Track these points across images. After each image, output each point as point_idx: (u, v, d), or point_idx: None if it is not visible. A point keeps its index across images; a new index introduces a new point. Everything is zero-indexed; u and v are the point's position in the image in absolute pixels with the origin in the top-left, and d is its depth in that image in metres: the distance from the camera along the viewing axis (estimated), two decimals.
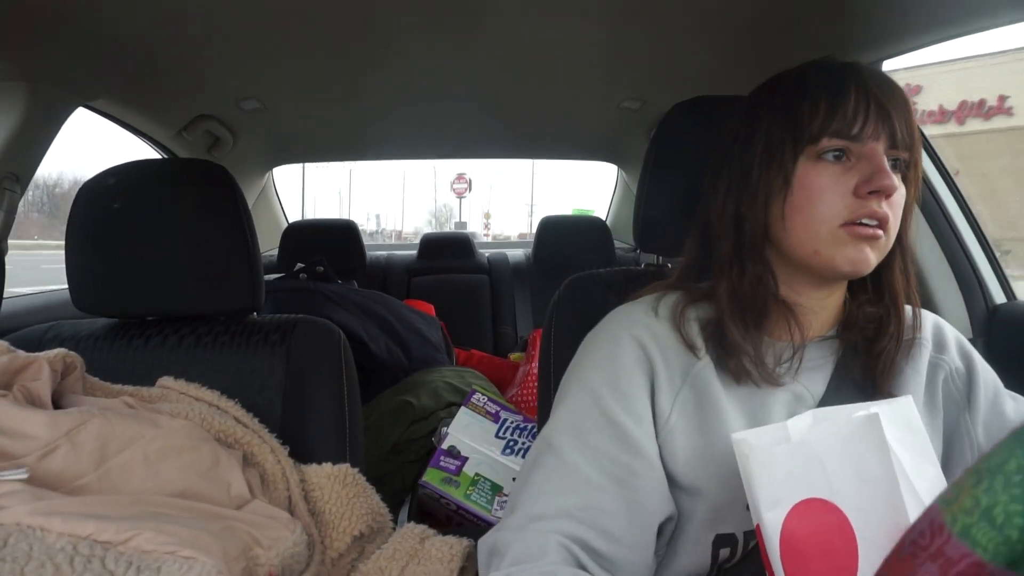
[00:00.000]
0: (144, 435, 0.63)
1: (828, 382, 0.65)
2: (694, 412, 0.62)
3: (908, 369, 0.66)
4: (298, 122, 1.90)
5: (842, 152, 0.60)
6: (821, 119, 0.60)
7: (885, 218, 0.59)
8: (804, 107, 0.61)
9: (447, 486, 1.17)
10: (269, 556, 0.61)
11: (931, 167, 1.19)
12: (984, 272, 1.15)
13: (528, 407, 1.50)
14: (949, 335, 0.71)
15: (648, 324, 0.66)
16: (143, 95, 1.46)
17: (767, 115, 0.64)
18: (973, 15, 0.90)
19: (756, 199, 0.63)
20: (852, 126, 0.59)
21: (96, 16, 1.04)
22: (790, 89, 0.63)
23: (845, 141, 0.60)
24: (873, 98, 0.60)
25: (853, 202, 0.59)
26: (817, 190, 0.60)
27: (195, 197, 0.88)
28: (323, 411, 0.87)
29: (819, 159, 0.61)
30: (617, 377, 0.63)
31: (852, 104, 0.59)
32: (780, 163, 0.61)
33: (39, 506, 0.51)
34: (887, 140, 0.60)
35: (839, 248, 0.59)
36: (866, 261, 0.60)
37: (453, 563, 0.73)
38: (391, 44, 1.27)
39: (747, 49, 1.19)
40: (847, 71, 0.62)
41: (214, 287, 0.88)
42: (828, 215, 0.59)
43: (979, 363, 0.70)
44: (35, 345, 0.88)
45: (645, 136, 1.94)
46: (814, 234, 0.60)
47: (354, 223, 2.41)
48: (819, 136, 0.60)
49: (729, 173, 0.66)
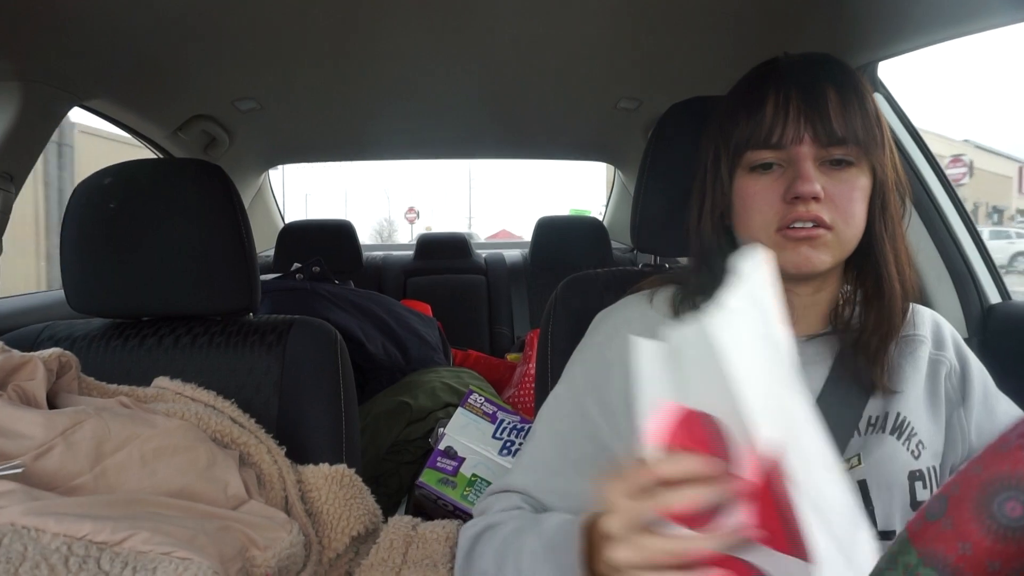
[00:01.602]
0: (140, 435, 0.63)
1: (826, 379, 0.65)
2: None
3: (908, 366, 0.66)
4: (294, 122, 1.90)
5: (768, 164, 0.62)
6: (741, 132, 0.62)
7: (817, 218, 0.59)
8: (728, 123, 0.64)
9: (444, 487, 1.17)
10: (265, 557, 0.61)
11: (926, 166, 1.19)
12: (979, 271, 1.16)
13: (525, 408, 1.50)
14: (947, 332, 0.71)
15: (643, 314, 0.68)
16: (139, 95, 1.46)
17: (710, 133, 0.67)
18: (969, 16, 0.91)
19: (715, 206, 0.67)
20: (771, 135, 0.60)
21: (91, 16, 1.03)
22: (723, 105, 0.66)
23: (768, 151, 0.61)
24: (794, 101, 0.60)
25: (782, 208, 0.60)
26: (750, 201, 0.62)
27: (191, 197, 0.88)
28: (320, 411, 0.87)
29: (751, 171, 0.63)
30: (599, 373, 0.66)
31: (770, 112, 0.60)
32: (720, 179, 0.65)
33: (34, 506, 0.50)
34: (818, 140, 0.59)
35: (780, 253, 0.60)
36: (807, 262, 0.60)
37: (450, 540, 0.75)
38: (386, 44, 1.27)
39: (744, 49, 1.20)
40: (768, 77, 0.63)
41: (210, 287, 0.88)
42: (762, 223, 0.62)
43: (973, 361, 0.70)
44: (30, 345, 0.88)
45: (642, 136, 1.95)
46: (756, 240, 0.62)
47: (350, 223, 2.40)
48: (744, 150, 0.62)
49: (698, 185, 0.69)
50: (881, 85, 1.18)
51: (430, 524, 0.78)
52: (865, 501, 0.60)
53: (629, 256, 2.57)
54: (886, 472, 0.61)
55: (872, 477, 0.61)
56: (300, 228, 2.37)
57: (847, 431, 0.63)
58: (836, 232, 0.60)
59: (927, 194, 1.18)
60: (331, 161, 2.51)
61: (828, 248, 0.60)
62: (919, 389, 0.66)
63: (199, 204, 0.88)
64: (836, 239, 0.60)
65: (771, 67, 0.65)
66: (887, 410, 0.64)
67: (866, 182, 0.61)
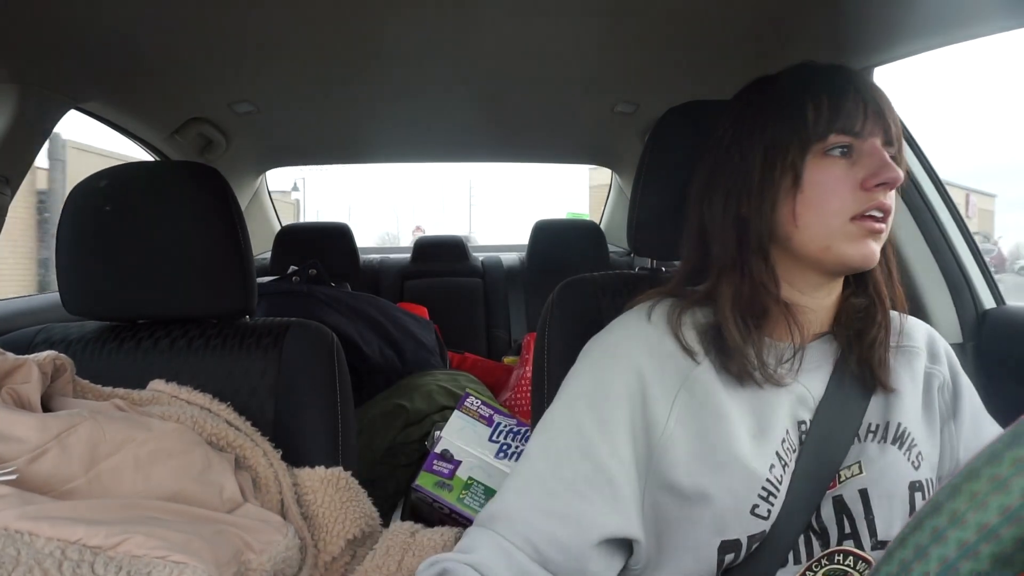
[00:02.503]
0: (135, 438, 0.63)
1: (828, 382, 0.65)
2: (694, 416, 0.62)
3: (905, 375, 0.67)
4: (291, 125, 1.90)
5: (847, 148, 0.62)
6: (827, 117, 0.61)
7: (889, 210, 0.61)
8: (808, 107, 0.62)
9: (440, 490, 1.16)
10: (261, 560, 0.61)
11: (921, 172, 1.20)
12: (973, 277, 1.16)
13: (522, 411, 1.50)
14: (941, 346, 0.72)
15: (641, 332, 0.67)
16: (135, 98, 1.46)
17: (765, 117, 0.65)
18: (964, 23, 0.91)
19: (763, 201, 0.64)
20: (855, 123, 0.61)
21: (88, 19, 1.03)
22: (789, 90, 0.65)
23: (850, 138, 0.62)
24: (868, 97, 0.62)
25: (862, 195, 0.61)
26: (828, 185, 0.61)
27: (188, 200, 0.88)
28: (316, 414, 0.87)
29: (825, 156, 0.62)
30: (598, 396, 0.64)
31: (851, 102, 0.61)
32: (788, 163, 0.62)
33: (28, 510, 0.50)
34: (885, 136, 0.62)
35: (850, 242, 0.61)
36: (873, 254, 0.62)
37: (447, 548, 0.74)
38: (384, 48, 1.27)
39: (741, 54, 1.20)
40: (841, 72, 0.64)
41: (206, 290, 0.88)
42: (839, 209, 0.61)
43: (964, 378, 0.71)
44: (24, 348, 0.87)
45: (639, 140, 1.95)
46: (827, 228, 0.61)
47: (347, 226, 2.40)
48: (826, 133, 0.61)
49: (726, 178, 0.67)
50: None
51: (429, 531, 0.78)
52: (865, 510, 0.60)
53: (626, 259, 2.58)
54: (888, 482, 0.61)
55: (873, 486, 0.61)
56: (297, 231, 2.37)
57: (848, 436, 0.63)
58: (887, 228, 0.63)
59: (922, 199, 1.18)
60: (327, 164, 2.51)
61: (880, 243, 0.63)
62: (917, 401, 0.67)
63: (195, 207, 0.87)
64: (886, 235, 0.63)
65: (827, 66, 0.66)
66: (888, 419, 0.65)
67: None
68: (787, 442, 0.62)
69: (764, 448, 0.61)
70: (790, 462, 0.61)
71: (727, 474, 0.59)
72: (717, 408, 0.61)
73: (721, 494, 0.58)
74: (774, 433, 0.62)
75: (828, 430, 0.63)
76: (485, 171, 51.12)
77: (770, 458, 0.60)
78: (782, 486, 0.60)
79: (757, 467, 0.59)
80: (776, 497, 0.59)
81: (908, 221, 1.16)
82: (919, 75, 23.55)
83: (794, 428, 0.63)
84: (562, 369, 0.82)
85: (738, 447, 0.60)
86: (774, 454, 0.61)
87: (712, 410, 0.61)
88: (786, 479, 0.61)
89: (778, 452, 0.61)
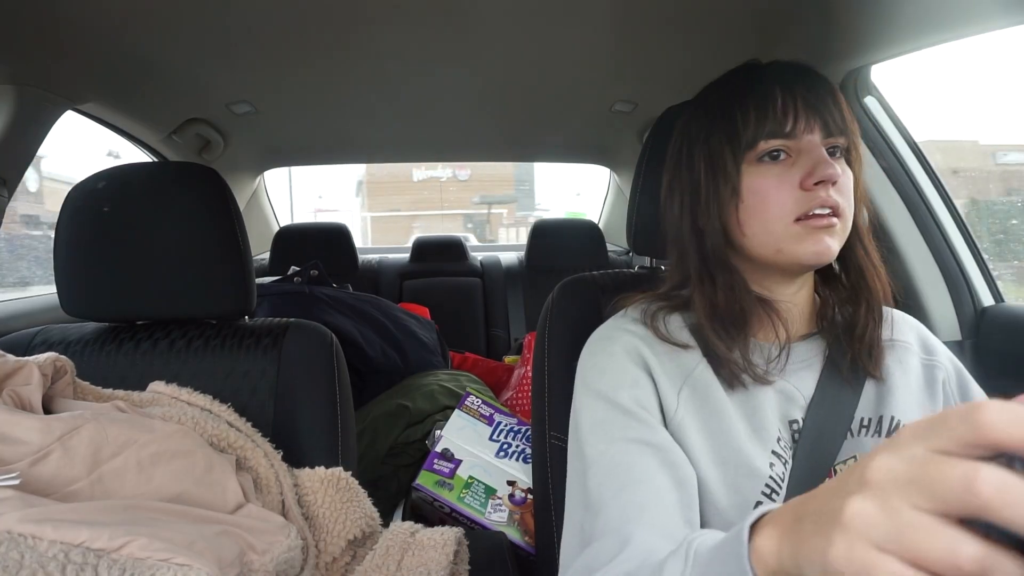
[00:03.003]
0: (137, 440, 0.63)
1: (817, 380, 0.65)
2: (698, 411, 0.62)
3: (896, 370, 0.67)
4: (289, 125, 1.89)
5: (780, 151, 0.62)
6: (754, 124, 0.62)
7: (835, 205, 0.60)
8: (737, 115, 0.63)
9: (441, 489, 1.16)
10: (263, 561, 0.60)
11: (920, 171, 1.20)
12: (972, 274, 1.17)
13: (524, 410, 1.50)
14: (933, 340, 0.73)
15: (635, 330, 0.67)
16: (132, 98, 1.45)
17: (705, 128, 0.66)
18: (961, 20, 0.91)
19: (710, 212, 0.65)
20: (784, 125, 0.61)
21: (85, 19, 1.03)
22: (719, 99, 0.66)
23: (781, 140, 0.62)
24: (799, 93, 0.62)
25: (801, 195, 0.60)
26: (765, 192, 0.62)
27: (186, 200, 0.87)
28: (315, 415, 0.87)
29: (759, 162, 0.62)
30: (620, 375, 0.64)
31: (780, 103, 0.61)
32: (725, 173, 0.63)
33: (31, 513, 0.50)
34: (821, 131, 0.62)
35: (799, 243, 0.61)
36: (828, 250, 0.61)
37: (447, 548, 0.74)
38: (382, 47, 1.27)
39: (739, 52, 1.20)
40: (769, 72, 0.64)
41: (205, 291, 0.88)
42: (780, 213, 0.61)
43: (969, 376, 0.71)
44: (23, 350, 0.87)
45: (637, 139, 1.95)
46: (772, 234, 0.62)
47: (346, 226, 2.40)
48: (755, 141, 0.62)
49: (681, 190, 0.68)
50: (874, 88, 1.19)
51: (428, 531, 0.78)
52: None
53: (625, 258, 2.58)
54: None
55: None
56: (295, 231, 2.37)
57: (841, 431, 0.64)
58: (843, 220, 0.61)
59: (920, 196, 1.18)
60: (327, 164, 2.51)
61: (839, 237, 0.62)
62: (912, 394, 0.67)
63: (194, 207, 0.87)
64: (843, 227, 0.62)
65: (759, 68, 0.66)
66: (881, 413, 0.65)
67: (849, 173, 0.63)
68: (782, 440, 0.62)
69: (763, 447, 0.61)
70: (789, 460, 0.62)
71: (731, 470, 0.59)
72: (718, 405, 0.62)
73: (726, 490, 0.59)
74: (768, 433, 0.62)
75: (820, 427, 0.63)
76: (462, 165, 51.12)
77: (769, 457, 0.61)
78: (784, 484, 0.60)
79: (760, 465, 0.60)
80: (779, 495, 0.59)
81: (906, 218, 1.17)
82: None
83: (786, 428, 0.64)
84: (563, 368, 0.82)
85: (741, 444, 0.60)
86: (771, 453, 0.61)
87: (714, 408, 0.62)
88: (787, 477, 0.61)
89: (775, 451, 0.61)
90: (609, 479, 0.58)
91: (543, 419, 0.84)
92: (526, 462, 1.20)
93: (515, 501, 1.15)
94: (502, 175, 16.03)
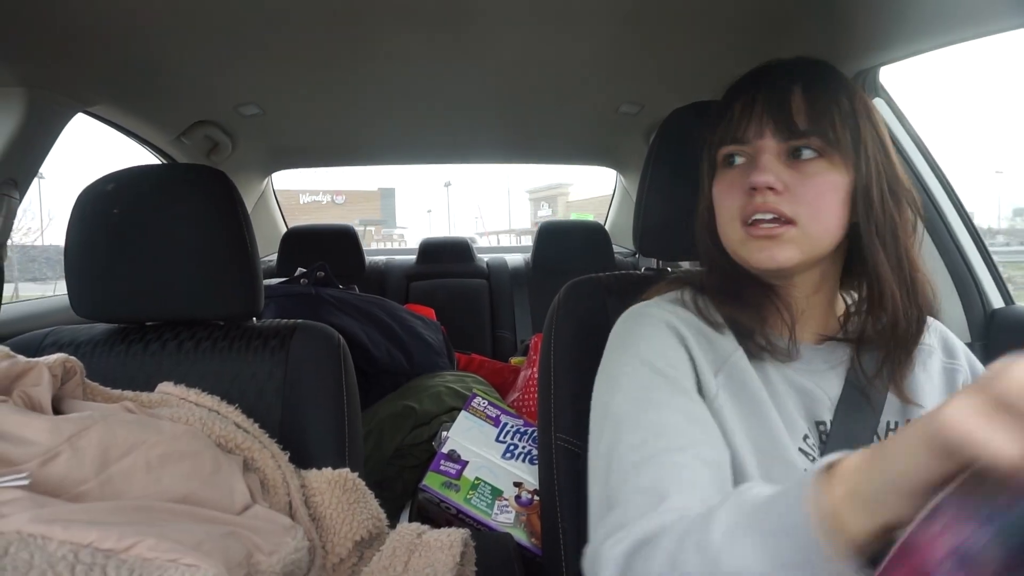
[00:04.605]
0: (146, 441, 0.63)
1: (843, 383, 0.65)
2: (736, 397, 0.62)
3: (921, 374, 0.66)
4: (297, 127, 1.90)
5: (733, 156, 0.64)
6: (720, 130, 0.64)
7: (776, 211, 0.59)
8: (707, 127, 0.67)
9: (447, 490, 1.17)
10: (271, 562, 0.61)
11: (929, 173, 1.19)
12: (982, 277, 1.16)
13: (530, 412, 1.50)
14: (955, 342, 0.72)
15: (672, 310, 0.67)
16: (142, 101, 1.46)
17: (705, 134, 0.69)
18: (970, 22, 0.91)
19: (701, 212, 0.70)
20: (737, 130, 0.62)
21: (95, 22, 1.04)
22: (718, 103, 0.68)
23: (734, 145, 0.63)
24: (760, 99, 0.61)
25: (744, 200, 0.61)
26: (719, 197, 0.65)
27: (194, 202, 0.88)
28: (322, 416, 0.87)
29: (722, 167, 0.65)
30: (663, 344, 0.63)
31: (738, 109, 0.63)
32: (707, 178, 0.68)
33: (40, 513, 0.50)
34: (780, 133, 0.60)
35: (747, 249, 0.62)
36: (771, 258, 0.60)
37: (453, 549, 0.74)
38: (390, 49, 1.28)
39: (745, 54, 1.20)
40: (741, 83, 0.66)
41: (214, 292, 0.88)
42: (731, 217, 0.63)
43: None
44: (34, 351, 0.88)
45: (644, 140, 1.95)
46: (728, 238, 0.64)
47: (352, 228, 2.41)
48: (719, 147, 0.65)
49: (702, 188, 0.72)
50: (882, 90, 1.18)
51: (435, 532, 0.78)
52: None
53: (631, 260, 2.57)
54: None
55: None
56: (303, 233, 2.38)
57: (868, 435, 0.63)
58: (801, 227, 0.59)
59: (929, 199, 1.18)
60: (334, 166, 2.52)
61: (794, 243, 0.60)
62: (935, 399, 0.66)
63: (202, 209, 0.88)
64: (802, 234, 0.59)
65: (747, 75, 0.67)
66: (908, 416, 0.65)
67: (839, 178, 0.60)
68: (810, 439, 0.62)
69: (793, 442, 0.61)
70: (817, 458, 0.61)
71: (767, 459, 0.59)
72: (755, 395, 0.61)
73: (761, 478, 0.58)
74: (796, 430, 0.62)
75: (847, 429, 0.63)
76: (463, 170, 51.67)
77: (799, 455, 0.60)
78: None
79: (794, 457, 0.59)
80: None
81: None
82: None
83: (813, 428, 0.63)
84: (569, 370, 0.82)
85: (779, 435, 0.60)
86: (799, 451, 0.61)
87: (751, 396, 0.61)
88: None
89: (802, 448, 0.61)
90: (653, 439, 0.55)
91: (549, 420, 0.84)
92: (532, 463, 1.20)
93: (521, 502, 1.15)
94: (370, 198, 24.31)
